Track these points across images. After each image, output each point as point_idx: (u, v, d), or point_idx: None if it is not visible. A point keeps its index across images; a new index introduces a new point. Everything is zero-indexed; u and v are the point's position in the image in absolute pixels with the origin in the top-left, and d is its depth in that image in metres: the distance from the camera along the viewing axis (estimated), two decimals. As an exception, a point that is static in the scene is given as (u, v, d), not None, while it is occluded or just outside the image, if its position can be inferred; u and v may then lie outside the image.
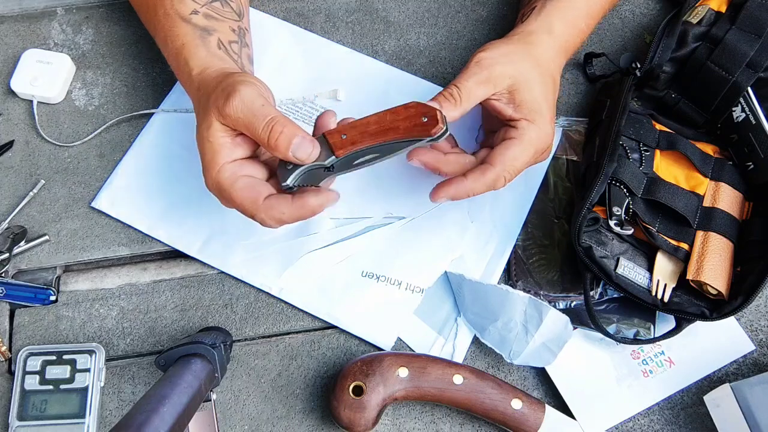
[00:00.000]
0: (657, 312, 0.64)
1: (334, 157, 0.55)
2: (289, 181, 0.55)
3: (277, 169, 0.57)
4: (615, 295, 0.65)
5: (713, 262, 0.61)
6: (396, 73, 0.74)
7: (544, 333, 0.61)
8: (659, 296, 0.62)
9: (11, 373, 0.64)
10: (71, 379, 0.62)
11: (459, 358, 0.64)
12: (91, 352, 0.63)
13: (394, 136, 0.56)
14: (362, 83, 0.74)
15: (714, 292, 0.61)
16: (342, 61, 0.75)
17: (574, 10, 0.66)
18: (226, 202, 0.58)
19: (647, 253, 0.64)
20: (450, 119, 0.57)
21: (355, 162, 0.56)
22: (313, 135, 0.57)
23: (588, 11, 0.68)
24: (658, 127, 0.68)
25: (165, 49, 0.65)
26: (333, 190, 0.57)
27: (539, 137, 0.61)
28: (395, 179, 0.70)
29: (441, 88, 0.72)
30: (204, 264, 0.68)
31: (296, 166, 0.55)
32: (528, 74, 0.61)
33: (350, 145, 0.55)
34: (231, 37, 0.65)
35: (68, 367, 0.62)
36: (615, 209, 0.63)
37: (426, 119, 0.55)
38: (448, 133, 0.57)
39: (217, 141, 0.56)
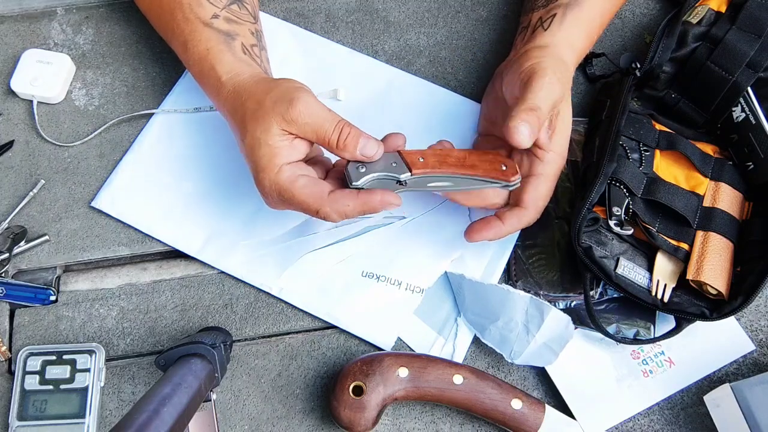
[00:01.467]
0: (657, 312, 0.64)
1: (409, 174, 0.58)
2: (360, 182, 0.57)
3: (344, 170, 0.59)
4: (615, 295, 0.65)
5: (713, 262, 0.61)
6: (396, 73, 0.74)
7: (545, 333, 0.61)
8: (659, 296, 0.62)
9: (11, 373, 0.64)
10: (71, 379, 0.62)
11: (459, 358, 0.64)
12: (91, 352, 0.63)
13: (472, 172, 0.59)
14: (362, 83, 0.74)
15: (714, 292, 0.61)
16: (342, 60, 0.75)
17: (591, 22, 0.66)
18: (282, 203, 0.58)
19: (647, 253, 0.64)
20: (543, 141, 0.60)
21: (429, 184, 0.59)
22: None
23: (601, 23, 0.68)
24: (658, 127, 0.68)
25: (185, 54, 0.65)
26: (395, 197, 0.59)
27: (561, 165, 0.62)
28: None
29: (441, 88, 0.74)
30: (204, 264, 0.68)
31: (370, 169, 0.58)
32: (565, 94, 0.61)
33: (428, 168, 0.58)
34: (252, 40, 0.65)
35: (68, 367, 0.62)
36: (615, 209, 0.63)
37: (505, 168, 0.60)
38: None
39: (276, 144, 0.57)
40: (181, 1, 0.64)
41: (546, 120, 0.59)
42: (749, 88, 0.66)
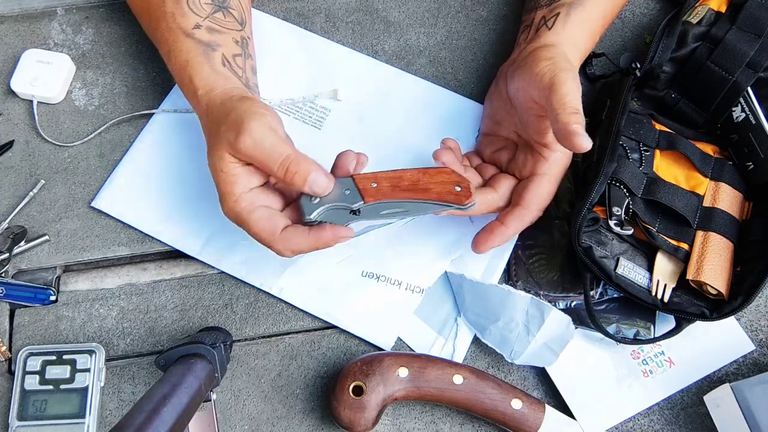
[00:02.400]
0: (657, 312, 0.64)
1: (362, 202, 0.57)
2: (313, 216, 0.57)
3: (296, 200, 0.58)
4: (615, 295, 0.65)
5: (713, 262, 0.61)
6: (396, 73, 0.74)
7: (545, 333, 0.61)
8: (659, 296, 0.62)
9: (11, 373, 0.64)
10: (71, 379, 0.62)
11: (459, 358, 0.64)
12: (91, 352, 0.63)
13: (425, 196, 0.58)
14: (362, 83, 0.74)
15: (714, 292, 0.61)
16: (342, 60, 0.75)
17: (594, 22, 0.66)
18: (244, 229, 0.58)
19: (647, 253, 0.64)
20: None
21: (382, 212, 0.58)
22: (332, 171, 0.59)
23: (603, 23, 0.68)
24: (658, 127, 0.68)
25: (169, 64, 0.65)
26: (349, 227, 0.58)
27: (565, 165, 0.61)
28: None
29: (441, 88, 0.74)
30: (204, 264, 0.68)
31: (322, 201, 0.57)
32: None
33: (381, 195, 0.57)
34: (234, 50, 0.65)
35: (68, 367, 0.62)
36: (615, 209, 0.63)
37: (459, 189, 0.58)
38: (475, 204, 0.60)
39: (230, 172, 0.57)
40: (165, 11, 0.64)
41: None
42: (749, 88, 0.66)
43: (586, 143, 0.53)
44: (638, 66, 0.67)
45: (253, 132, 0.55)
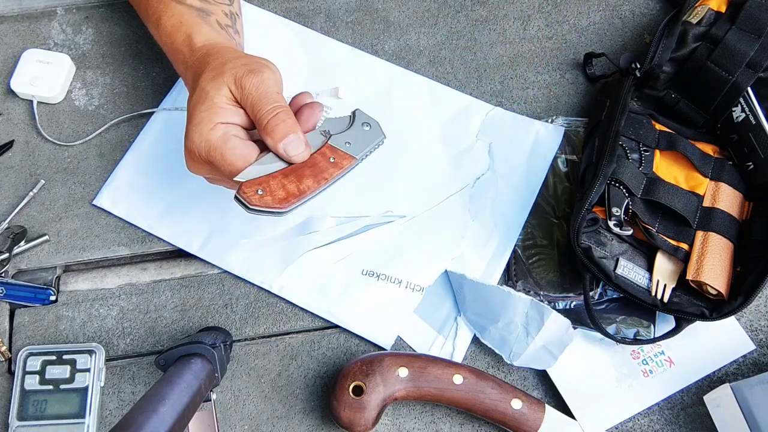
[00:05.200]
0: (657, 312, 0.64)
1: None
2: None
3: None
4: (615, 296, 0.65)
5: (713, 262, 0.61)
6: (398, 72, 0.74)
7: (545, 336, 0.61)
8: (659, 296, 0.62)
9: (11, 373, 0.64)
10: (71, 379, 0.62)
11: (459, 358, 0.64)
12: (91, 352, 0.63)
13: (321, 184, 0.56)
14: (364, 81, 0.74)
15: (714, 292, 0.61)
16: (344, 59, 0.75)
17: None
18: (205, 165, 0.56)
19: (647, 254, 0.64)
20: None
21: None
22: (295, 106, 0.58)
23: None
24: (658, 127, 0.68)
25: (158, 29, 0.64)
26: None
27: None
28: (395, 177, 0.70)
29: (443, 86, 0.74)
30: (204, 264, 0.68)
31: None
32: None
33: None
34: (226, 21, 0.65)
35: (68, 367, 0.62)
36: (614, 210, 0.63)
37: (261, 192, 0.54)
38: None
39: (221, 101, 0.55)
40: None
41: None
42: (749, 88, 0.66)
43: None
44: (638, 66, 0.67)
45: (265, 76, 0.55)
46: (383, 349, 0.65)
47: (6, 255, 0.66)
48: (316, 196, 0.56)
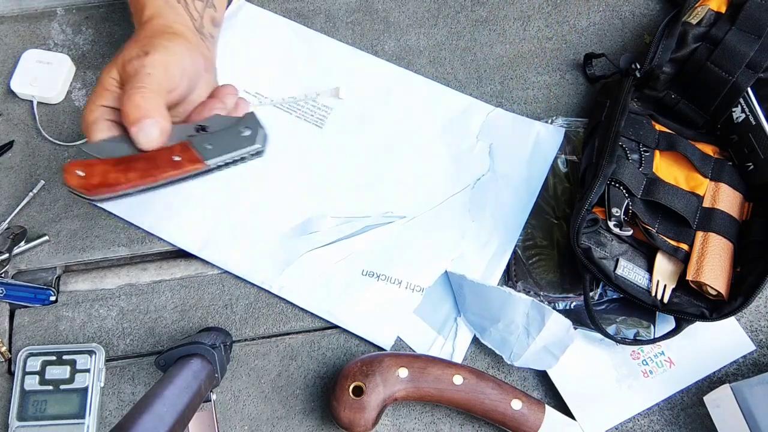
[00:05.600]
0: (657, 312, 0.64)
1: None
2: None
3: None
4: (615, 296, 0.65)
5: (713, 262, 0.61)
6: (398, 72, 0.74)
7: (545, 336, 0.61)
8: (659, 297, 0.62)
9: (11, 373, 0.64)
10: (71, 380, 0.62)
11: (459, 358, 0.64)
12: (91, 353, 0.63)
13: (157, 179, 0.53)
14: (364, 82, 0.74)
15: (714, 292, 0.61)
16: (344, 59, 0.75)
17: None
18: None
19: (647, 254, 0.64)
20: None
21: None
22: (205, 99, 0.57)
23: None
24: (658, 127, 0.68)
25: None
26: None
27: None
28: (396, 178, 0.70)
29: (444, 86, 0.74)
30: (204, 264, 0.68)
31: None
32: None
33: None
34: None
35: (68, 368, 0.62)
36: (614, 210, 0.63)
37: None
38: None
39: (108, 83, 0.54)
40: None
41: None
42: (749, 89, 0.66)
43: None
44: (638, 67, 0.68)
45: (151, 58, 0.53)
46: (383, 349, 0.65)
47: (6, 255, 0.66)
48: (137, 194, 0.54)
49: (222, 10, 0.68)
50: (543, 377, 0.64)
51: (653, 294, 0.62)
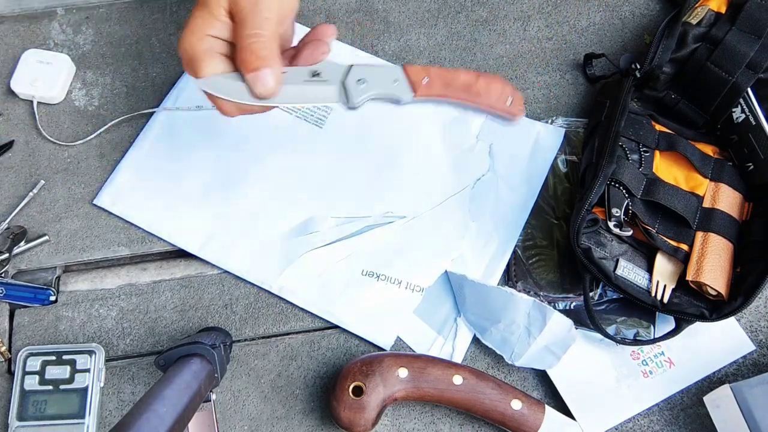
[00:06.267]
0: (656, 313, 0.64)
1: (412, 95, 0.54)
2: (360, 101, 0.54)
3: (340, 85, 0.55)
4: (614, 296, 0.65)
5: (713, 262, 0.61)
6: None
7: (547, 336, 0.61)
8: (659, 297, 0.62)
9: (11, 373, 0.64)
10: (71, 380, 0.62)
11: (458, 358, 0.64)
12: (90, 353, 0.63)
13: (476, 102, 0.55)
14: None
15: (713, 292, 0.61)
16: (344, 58, 0.75)
17: None
18: (191, 66, 0.54)
19: (647, 254, 0.64)
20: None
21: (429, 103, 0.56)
22: (301, 41, 0.56)
23: None
24: (658, 127, 0.68)
25: None
26: None
27: None
28: (396, 178, 0.70)
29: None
30: (204, 264, 0.68)
31: (370, 86, 0.54)
32: None
33: (432, 91, 0.54)
34: None
35: (68, 368, 0.62)
36: (614, 210, 0.63)
37: (510, 101, 0.55)
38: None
39: (218, 12, 0.53)
40: None
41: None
42: (749, 89, 0.66)
43: None
44: (638, 67, 0.68)
45: (264, 2, 0.52)
46: (383, 349, 0.65)
47: (6, 255, 0.66)
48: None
49: None
50: (543, 377, 0.64)
51: (653, 294, 0.62)
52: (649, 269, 0.63)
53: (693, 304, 0.62)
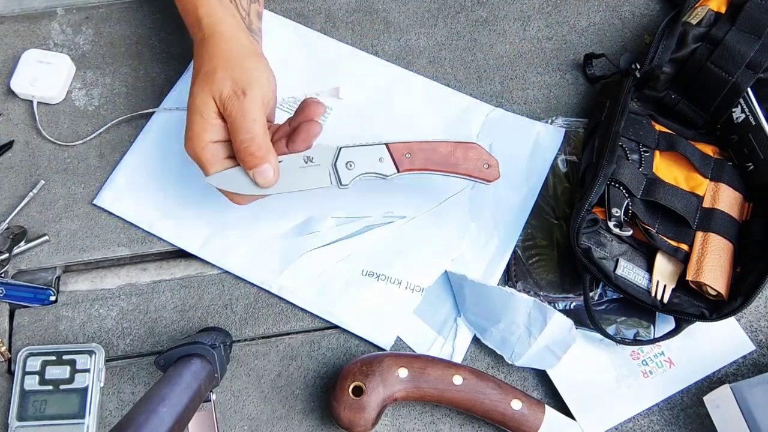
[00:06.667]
0: (656, 313, 0.64)
1: (396, 172, 0.61)
2: (349, 184, 0.61)
3: (329, 169, 0.61)
4: (614, 296, 0.65)
5: (713, 262, 0.61)
6: (398, 72, 0.74)
7: (547, 336, 0.61)
8: (659, 297, 0.62)
9: (11, 373, 0.64)
10: (71, 380, 0.62)
11: (458, 358, 0.64)
12: (90, 353, 0.63)
13: (455, 170, 0.61)
14: (364, 81, 0.74)
15: (713, 292, 0.61)
16: (344, 58, 0.75)
17: None
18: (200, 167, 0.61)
19: (647, 254, 0.64)
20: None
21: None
22: (293, 119, 0.61)
23: None
24: (658, 127, 0.68)
25: None
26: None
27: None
28: (396, 178, 0.70)
29: (444, 87, 0.74)
30: (204, 264, 0.68)
31: (357, 168, 0.60)
32: None
33: (415, 167, 0.61)
34: None
35: (68, 368, 0.62)
36: (614, 210, 0.63)
37: (488, 167, 0.62)
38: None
39: (210, 117, 0.58)
40: None
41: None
42: (749, 89, 0.66)
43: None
44: (638, 67, 0.68)
45: (248, 98, 0.57)
46: (383, 349, 0.65)
47: (6, 255, 0.66)
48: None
49: (263, 4, 0.69)
50: (543, 377, 0.64)
51: (653, 294, 0.62)
52: (649, 269, 0.63)
53: (693, 304, 0.62)
